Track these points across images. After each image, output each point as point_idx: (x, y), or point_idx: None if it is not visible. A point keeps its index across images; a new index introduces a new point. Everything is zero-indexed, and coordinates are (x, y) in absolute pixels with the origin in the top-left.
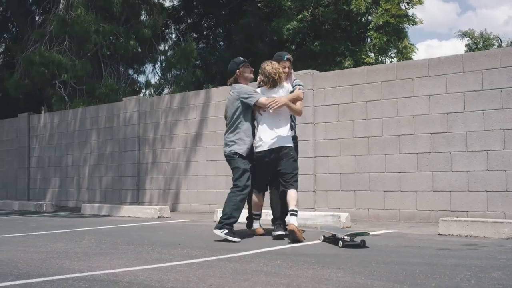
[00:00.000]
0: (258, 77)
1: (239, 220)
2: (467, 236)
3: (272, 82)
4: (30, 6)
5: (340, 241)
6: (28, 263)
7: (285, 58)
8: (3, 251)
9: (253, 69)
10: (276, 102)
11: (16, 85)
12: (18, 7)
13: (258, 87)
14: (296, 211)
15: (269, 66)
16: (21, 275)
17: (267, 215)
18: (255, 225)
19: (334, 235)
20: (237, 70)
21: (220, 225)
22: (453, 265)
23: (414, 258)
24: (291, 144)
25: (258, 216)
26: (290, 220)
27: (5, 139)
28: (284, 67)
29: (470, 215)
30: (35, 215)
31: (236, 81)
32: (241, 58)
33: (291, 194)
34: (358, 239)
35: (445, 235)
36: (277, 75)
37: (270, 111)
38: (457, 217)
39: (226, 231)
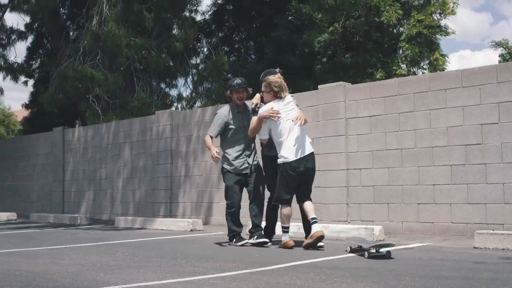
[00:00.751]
0: (257, 97)
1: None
2: (503, 249)
3: (279, 93)
4: (64, 22)
5: (366, 252)
6: (63, 275)
7: (277, 71)
8: (39, 263)
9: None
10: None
11: (51, 100)
12: (53, 23)
13: (255, 107)
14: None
15: (274, 77)
16: (57, 287)
17: (299, 228)
18: (285, 237)
19: (361, 246)
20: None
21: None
22: (490, 279)
23: (449, 272)
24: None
25: (288, 229)
26: (317, 227)
27: (41, 153)
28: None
29: (506, 228)
30: (69, 228)
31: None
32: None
33: (312, 204)
34: (383, 250)
35: (480, 248)
36: (282, 86)
37: (296, 126)
38: (493, 230)
39: (234, 240)
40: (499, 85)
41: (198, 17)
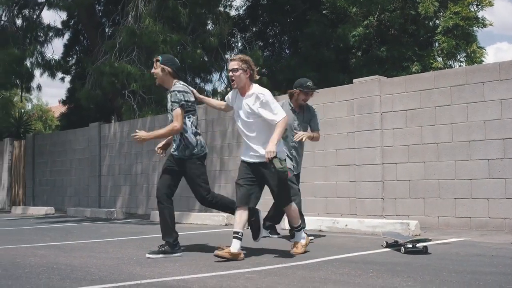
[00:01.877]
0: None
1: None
2: None
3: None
4: (100, 19)
5: (402, 247)
6: (100, 268)
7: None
8: (76, 256)
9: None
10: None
11: (88, 96)
12: (89, 20)
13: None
14: None
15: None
16: (94, 280)
17: (334, 222)
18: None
19: (397, 241)
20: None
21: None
22: None
23: (487, 268)
24: None
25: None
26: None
27: (77, 148)
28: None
29: None
30: (106, 222)
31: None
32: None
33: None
34: (420, 245)
35: None
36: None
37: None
38: None
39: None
40: None
41: (233, 12)
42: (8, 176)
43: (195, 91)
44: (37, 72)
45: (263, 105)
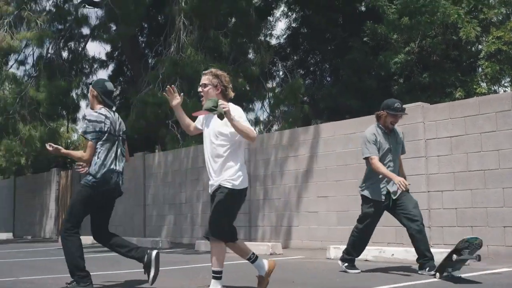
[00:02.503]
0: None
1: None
2: None
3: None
4: (143, 50)
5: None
6: None
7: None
8: (125, 285)
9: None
10: None
11: (132, 126)
12: (132, 51)
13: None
14: None
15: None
16: None
17: (380, 251)
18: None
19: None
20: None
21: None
22: None
23: None
24: None
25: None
26: None
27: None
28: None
29: None
30: None
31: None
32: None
33: None
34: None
35: None
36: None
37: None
38: None
39: (346, 264)
40: None
41: (273, 41)
42: (56, 205)
43: (174, 89)
44: (82, 103)
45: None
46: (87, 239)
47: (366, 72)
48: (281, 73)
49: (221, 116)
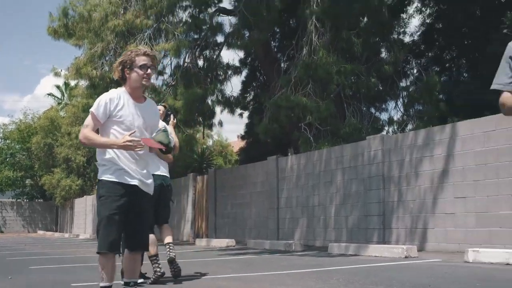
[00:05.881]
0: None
1: None
2: None
3: None
4: (275, 54)
5: None
6: None
7: None
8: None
9: None
10: None
11: (265, 130)
12: (265, 56)
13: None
14: None
15: None
16: None
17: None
18: None
19: None
20: None
21: None
22: None
23: None
24: None
25: None
26: None
27: (256, 181)
28: None
29: None
30: (285, 254)
31: None
32: None
33: None
34: None
35: None
36: None
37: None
38: None
39: None
40: None
41: (407, 39)
42: (192, 209)
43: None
44: (217, 109)
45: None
46: (221, 242)
47: None
48: (415, 71)
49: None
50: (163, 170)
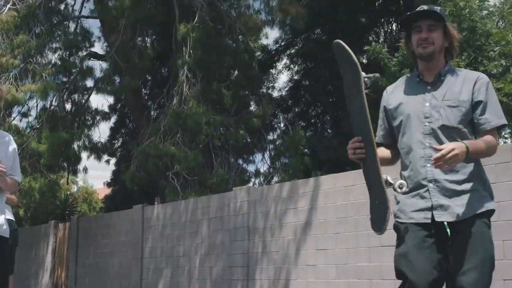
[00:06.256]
0: None
1: None
2: None
3: None
4: (146, 102)
5: None
6: None
7: None
8: None
9: None
10: None
11: (132, 178)
12: (135, 103)
13: None
14: None
15: None
16: None
17: None
18: None
19: None
20: None
21: None
22: None
23: None
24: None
25: None
26: None
27: (121, 230)
28: None
29: None
30: None
31: None
32: None
33: None
34: None
35: None
36: None
37: None
38: None
39: None
40: None
41: (275, 93)
42: (52, 258)
43: None
44: (84, 155)
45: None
46: None
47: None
48: (282, 125)
49: None
50: (8, 214)
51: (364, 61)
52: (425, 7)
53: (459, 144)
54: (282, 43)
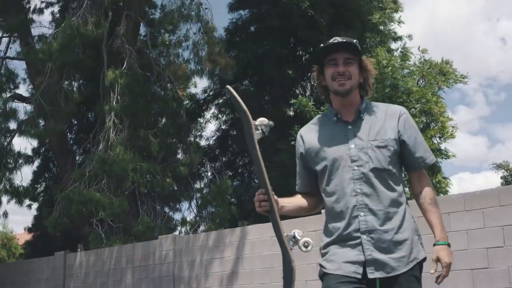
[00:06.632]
0: None
1: None
2: None
3: None
4: (71, 146)
5: None
6: None
7: None
8: None
9: None
10: None
11: (55, 223)
12: (60, 147)
13: None
14: None
15: None
16: None
17: None
18: None
19: None
20: None
21: None
22: None
23: None
24: None
25: None
26: None
27: (41, 278)
28: None
29: None
30: None
31: None
32: None
33: None
34: None
35: None
36: None
37: None
38: None
39: None
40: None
41: (203, 142)
42: None
43: None
44: (4, 199)
45: None
46: None
47: (294, 175)
48: (209, 173)
49: None
50: None
51: (291, 113)
52: (339, 38)
53: (446, 250)
54: (211, 93)
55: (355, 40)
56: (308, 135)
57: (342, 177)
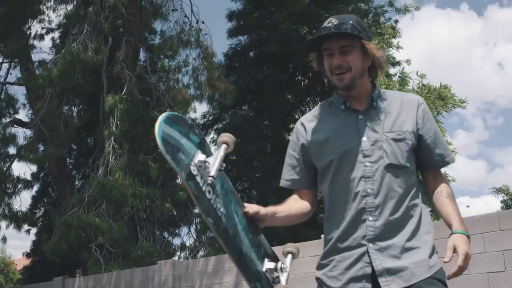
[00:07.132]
0: None
1: None
2: None
3: None
4: (70, 171)
5: None
6: None
7: None
8: None
9: None
10: None
11: (54, 249)
12: (59, 172)
13: None
14: None
15: None
16: None
17: None
18: None
19: None
20: None
21: None
22: None
23: None
24: None
25: None
26: None
27: None
28: None
29: None
30: None
31: None
32: None
33: None
34: None
35: None
36: None
37: None
38: None
39: None
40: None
41: None
42: None
43: None
44: (3, 224)
45: None
46: None
47: None
48: None
49: None
50: None
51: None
52: (334, 20)
53: (464, 239)
54: (210, 118)
55: (351, 22)
56: (311, 125)
57: (351, 174)
